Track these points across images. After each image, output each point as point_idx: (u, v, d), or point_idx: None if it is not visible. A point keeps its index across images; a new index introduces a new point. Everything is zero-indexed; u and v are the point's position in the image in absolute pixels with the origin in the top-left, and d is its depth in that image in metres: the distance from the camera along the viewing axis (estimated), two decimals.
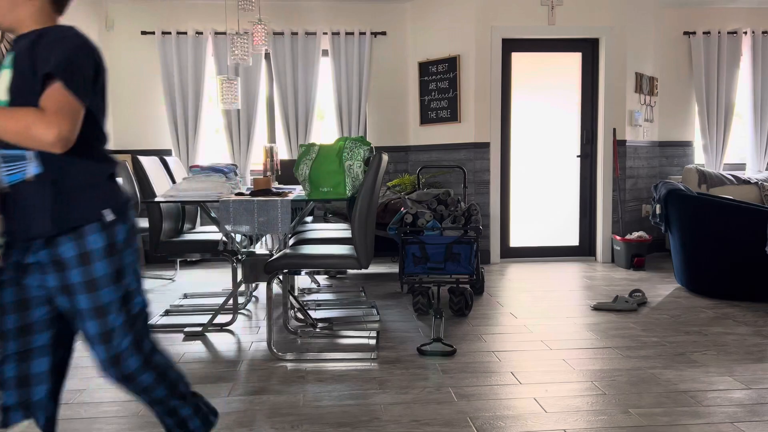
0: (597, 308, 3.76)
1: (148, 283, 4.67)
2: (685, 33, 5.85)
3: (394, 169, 5.86)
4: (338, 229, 4.03)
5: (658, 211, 4.31)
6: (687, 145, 6.06)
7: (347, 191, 3.04)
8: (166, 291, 4.41)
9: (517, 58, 5.40)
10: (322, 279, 4.81)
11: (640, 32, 5.55)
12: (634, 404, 2.30)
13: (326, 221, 5.19)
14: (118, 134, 5.57)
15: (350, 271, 5.12)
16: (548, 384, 2.52)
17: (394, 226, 3.65)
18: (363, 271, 5.14)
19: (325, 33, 5.61)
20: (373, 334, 3.25)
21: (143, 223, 4.57)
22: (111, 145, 5.51)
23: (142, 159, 3.62)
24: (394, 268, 5.21)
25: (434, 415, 2.21)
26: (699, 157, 6.05)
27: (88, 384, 2.57)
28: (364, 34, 5.64)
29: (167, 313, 3.74)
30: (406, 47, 5.81)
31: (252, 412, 2.26)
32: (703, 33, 5.79)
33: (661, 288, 4.35)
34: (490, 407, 2.28)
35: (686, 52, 5.90)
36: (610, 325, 3.41)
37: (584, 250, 5.60)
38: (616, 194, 5.42)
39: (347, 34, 5.61)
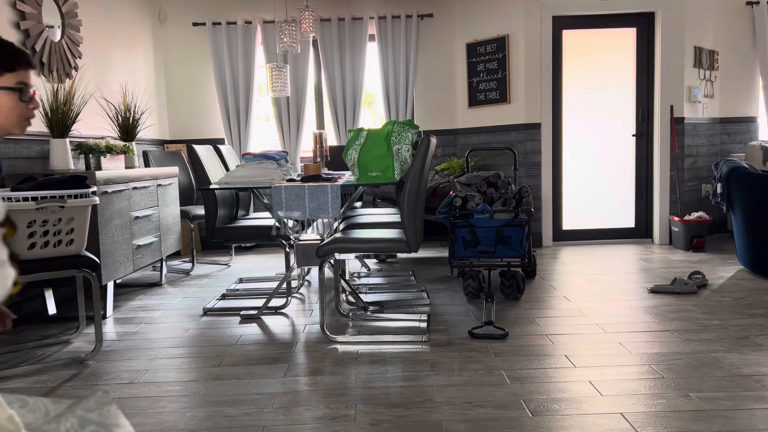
0: (654, 291, 3.65)
1: (205, 269, 4.82)
2: (748, 3, 5.56)
3: (442, 153, 5.83)
4: (387, 214, 4.05)
5: (719, 191, 4.14)
6: (751, 121, 5.78)
7: (396, 175, 3.05)
8: (222, 276, 4.53)
9: (568, 35, 5.26)
10: (372, 263, 4.85)
11: (699, 4, 5.31)
12: (695, 388, 2.24)
13: (375, 206, 5.22)
14: (173, 124, 5.74)
15: (400, 255, 5.14)
16: (604, 367, 2.48)
17: (444, 210, 3.63)
18: (412, 255, 5.15)
19: (372, 18, 5.60)
20: (424, 317, 3.27)
21: (199, 210, 4.71)
22: (167, 135, 5.68)
23: (197, 148, 3.72)
24: (444, 253, 5.19)
25: (487, 398, 2.21)
26: (764, 134, 5.76)
27: (151, 364, 2.68)
28: (411, 17, 5.60)
29: (224, 297, 3.85)
30: (453, 29, 5.74)
31: (307, 393, 2.31)
32: None
33: (723, 270, 4.19)
34: (544, 390, 2.26)
35: (749, 22, 5.61)
36: (668, 308, 3.31)
37: (640, 232, 5.44)
38: (674, 174, 5.23)
39: (394, 17, 5.59)
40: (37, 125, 3.55)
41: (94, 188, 2.90)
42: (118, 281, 4.36)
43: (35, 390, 2.44)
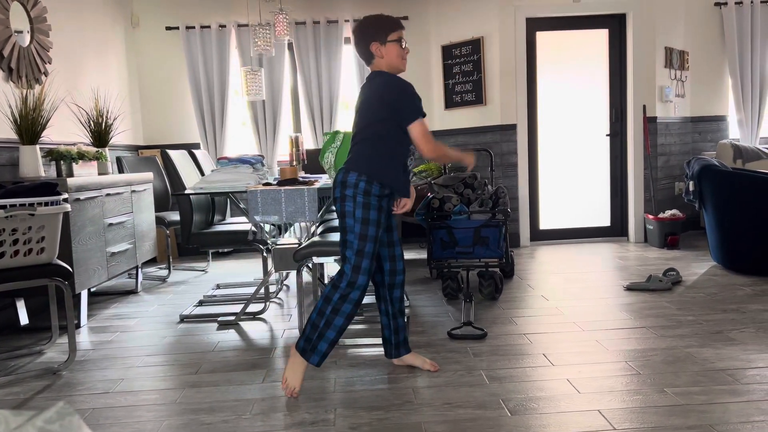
0: (630, 288, 3.70)
1: (181, 275, 4.76)
2: (716, 4, 5.67)
3: (419, 155, 5.83)
4: None
5: (691, 188, 4.21)
6: (721, 119, 5.89)
7: None
8: (199, 282, 4.48)
9: (541, 37, 5.32)
10: None
11: (669, 5, 5.40)
12: (670, 383, 2.27)
13: None
14: (147, 130, 5.66)
15: None
16: (581, 365, 2.50)
17: (421, 212, 3.64)
18: None
19: (347, 20, 5.59)
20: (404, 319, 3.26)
21: (174, 216, 4.66)
22: (141, 141, 5.61)
23: (171, 153, 3.68)
24: (423, 254, 5.20)
25: (467, 398, 2.21)
26: (734, 132, 5.88)
27: (127, 373, 2.64)
28: None
29: (201, 303, 3.80)
30: (428, 31, 5.77)
31: (286, 398, 2.29)
32: (735, 3, 5.61)
33: (697, 266, 4.26)
34: (523, 389, 2.27)
35: (718, 23, 5.73)
36: (644, 305, 3.36)
37: (616, 230, 5.51)
38: (648, 172, 5.31)
39: None
40: (6, 132, 3.48)
41: (66, 195, 2.84)
42: (92, 289, 4.28)
43: (7, 402, 2.39)
